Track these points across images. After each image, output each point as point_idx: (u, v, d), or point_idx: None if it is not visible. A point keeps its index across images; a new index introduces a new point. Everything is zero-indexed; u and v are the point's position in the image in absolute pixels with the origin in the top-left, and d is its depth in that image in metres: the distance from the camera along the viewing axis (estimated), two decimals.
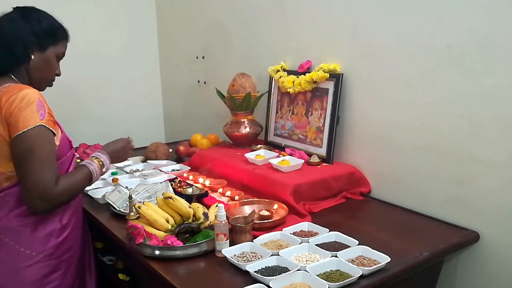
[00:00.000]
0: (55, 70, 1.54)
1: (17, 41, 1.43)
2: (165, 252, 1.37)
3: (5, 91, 1.38)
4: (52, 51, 1.50)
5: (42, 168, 1.35)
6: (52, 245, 1.48)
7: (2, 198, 1.42)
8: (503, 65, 1.42)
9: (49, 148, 1.39)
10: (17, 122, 1.34)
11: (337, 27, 1.91)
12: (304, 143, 2.05)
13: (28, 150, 1.35)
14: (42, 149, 1.36)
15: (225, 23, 2.54)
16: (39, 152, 1.35)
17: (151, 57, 3.10)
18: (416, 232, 1.53)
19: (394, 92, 1.74)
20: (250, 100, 2.17)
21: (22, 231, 1.43)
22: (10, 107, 1.35)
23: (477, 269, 1.56)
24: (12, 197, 1.42)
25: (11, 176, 1.41)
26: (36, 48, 1.46)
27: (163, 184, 1.81)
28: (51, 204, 1.39)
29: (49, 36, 1.48)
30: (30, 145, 1.35)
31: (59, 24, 1.52)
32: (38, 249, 1.46)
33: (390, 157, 1.79)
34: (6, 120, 1.36)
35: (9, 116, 1.35)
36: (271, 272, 1.25)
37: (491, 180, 1.50)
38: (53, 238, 1.49)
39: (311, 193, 1.73)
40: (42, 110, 1.38)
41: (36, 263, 1.45)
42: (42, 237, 1.46)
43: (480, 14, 1.45)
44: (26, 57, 1.45)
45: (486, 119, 1.48)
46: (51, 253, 1.48)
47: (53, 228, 1.49)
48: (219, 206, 1.40)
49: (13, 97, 1.36)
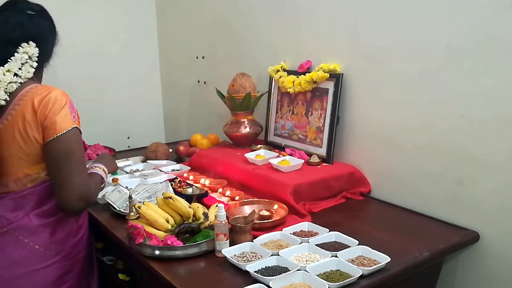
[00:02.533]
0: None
1: (49, 38, 1.46)
2: (165, 252, 1.37)
3: (34, 92, 1.38)
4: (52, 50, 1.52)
5: (79, 170, 1.39)
6: (70, 245, 1.49)
7: (25, 197, 1.42)
8: (503, 65, 1.42)
9: (82, 150, 1.44)
10: (54, 125, 1.36)
11: (337, 27, 1.91)
12: (304, 143, 2.05)
13: (66, 152, 1.37)
14: (78, 151, 1.40)
15: (225, 23, 2.54)
16: (76, 154, 1.39)
17: (151, 57, 3.10)
18: (416, 232, 1.53)
19: (394, 92, 1.74)
20: (250, 100, 2.17)
21: (42, 231, 1.43)
22: (45, 110, 1.36)
23: (477, 269, 1.56)
24: (35, 196, 1.42)
25: (36, 178, 1.43)
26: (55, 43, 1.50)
27: (163, 184, 1.81)
28: (88, 204, 1.44)
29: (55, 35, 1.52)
30: (68, 148, 1.37)
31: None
32: (57, 249, 1.45)
33: (390, 157, 1.79)
34: (41, 123, 1.37)
35: (44, 119, 1.36)
36: (271, 272, 1.25)
37: (491, 180, 1.50)
38: (71, 237, 1.49)
39: (311, 193, 1.73)
40: (74, 112, 1.42)
41: (53, 264, 1.44)
42: (61, 237, 1.46)
43: (480, 14, 1.45)
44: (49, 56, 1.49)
45: (486, 119, 1.48)
46: (68, 253, 1.48)
47: (71, 228, 1.50)
48: (219, 206, 1.40)
49: (46, 99, 1.37)
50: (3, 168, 1.41)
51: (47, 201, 1.44)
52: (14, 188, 1.42)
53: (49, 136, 1.37)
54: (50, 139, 1.36)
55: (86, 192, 1.40)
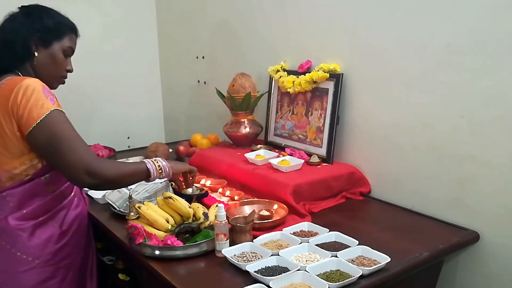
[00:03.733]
0: (64, 66, 1.51)
1: (17, 37, 1.41)
2: (165, 252, 1.37)
3: (7, 83, 1.35)
4: (58, 46, 1.48)
5: (74, 147, 1.32)
6: (50, 251, 1.45)
7: (4, 198, 1.39)
8: (503, 65, 1.42)
9: (70, 127, 1.35)
10: (30, 113, 1.30)
11: (337, 27, 1.91)
12: (304, 143, 2.05)
13: (51, 136, 1.31)
14: (65, 131, 1.33)
15: (225, 23, 2.54)
16: (63, 134, 1.32)
17: (151, 57, 3.10)
18: (416, 232, 1.53)
19: (394, 92, 1.74)
20: (250, 100, 2.17)
21: (19, 235, 1.40)
22: (16, 100, 1.31)
23: (477, 269, 1.56)
24: (14, 198, 1.39)
25: (14, 175, 1.39)
26: (39, 44, 1.44)
27: (163, 184, 1.81)
28: (99, 179, 1.33)
29: (52, 31, 1.46)
30: (52, 132, 1.31)
31: (65, 19, 1.51)
32: (34, 255, 1.42)
33: (390, 157, 1.79)
34: (14, 113, 1.32)
35: (17, 109, 1.31)
36: (271, 272, 1.25)
37: (491, 180, 1.50)
38: (51, 243, 1.45)
39: (311, 193, 1.73)
40: (50, 95, 1.36)
41: (32, 269, 1.42)
42: (39, 242, 1.43)
43: (480, 14, 1.45)
44: (28, 54, 1.43)
45: (486, 119, 1.48)
46: (48, 259, 1.45)
47: (52, 234, 1.46)
48: (219, 206, 1.40)
49: (17, 88, 1.31)
50: None
51: (26, 204, 1.41)
52: None
53: (29, 126, 1.31)
54: (31, 128, 1.31)
55: (91, 165, 1.31)
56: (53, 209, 1.48)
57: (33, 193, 1.42)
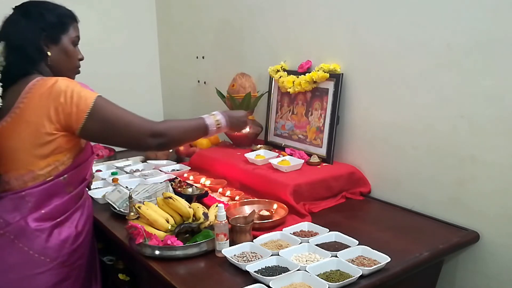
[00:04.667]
0: (76, 56, 1.52)
1: (26, 42, 1.40)
2: (165, 252, 1.37)
3: (38, 86, 1.35)
4: (66, 39, 1.48)
5: (129, 121, 1.39)
6: (66, 252, 1.45)
7: (23, 198, 1.39)
8: (503, 65, 1.42)
9: (116, 106, 1.41)
10: (79, 107, 1.33)
11: (337, 27, 1.91)
12: (304, 143, 2.05)
13: (105, 121, 1.36)
14: (114, 111, 1.39)
15: (225, 23, 2.54)
16: (113, 114, 1.38)
17: (151, 57, 3.10)
18: (416, 232, 1.53)
19: (394, 92, 1.74)
20: (250, 100, 2.17)
21: (38, 235, 1.39)
22: (59, 100, 1.33)
23: (477, 269, 1.56)
24: (33, 198, 1.39)
25: (38, 176, 1.39)
26: (49, 42, 1.44)
27: (163, 184, 1.81)
28: (164, 137, 1.41)
29: (56, 26, 1.45)
30: (103, 117, 1.36)
31: (64, 10, 1.50)
32: (52, 256, 1.42)
33: (390, 157, 1.79)
34: (59, 113, 1.33)
35: (63, 108, 1.33)
36: (271, 272, 1.25)
37: (491, 180, 1.50)
38: (68, 244, 1.45)
39: (311, 193, 1.73)
40: (84, 86, 1.40)
41: (48, 270, 1.41)
42: (57, 243, 1.42)
43: (480, 14, 1.45)
44: (41, 55, 1.43)
45: (486, 119, 1.48)
46: (64, 260, 1.44)
47: (69, 235, 1.46)
48: (219, 206, 1.40)
49: (54, 90, 1.33)
50: (7, 164, 1.39)
51: (45, 204, 1.41)
52: (15, 186, 1.40)
53: (81, 119, 1.34)
54: (83, 121, 1.34)
55: (151, 130, 1.40)
56: (70, 209, 1.48)
57: (51, 193, 1.42)
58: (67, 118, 1.34)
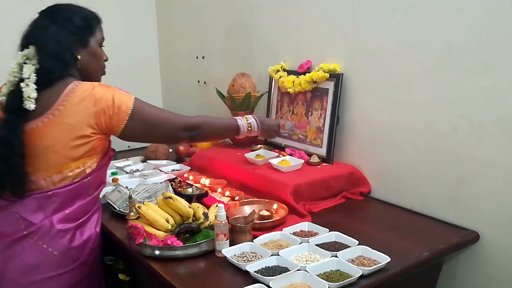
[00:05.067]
0: (102, 57, 1.56)
1: (60, 47, 1.41)
2: (165, 252, 1.38)
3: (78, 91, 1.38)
4: (93, 42, 1.50)
5: (164, 118, 1.48)
6: (88, 252, 1.47)
7: (49, 198, 1.39)
8: (503, 65, 1.42)
9: (150, 105, 1.47)
10: (120, 109, 1.39)
11: (337, 27, 1.91)
12: (304, 143, 2.05)
13: (144, 120, 1.43)
14: (150, 110, 1.46)
15: (225, 23, 2.54)
16: (151, 114, 1.45)
17: (150, 57, 3.10)
18: (416, 232, 1.53)
19: (394, 92, 1.74)
20: (250, 100, 2.17)
21: (62, 236, 1.40)
22: (100, 104, 1.38)
23: (477, 269, 1.56)
24: (59, 198, 1.40)
25: (66, 177, 1.41)
26: (78, 46, 1.46)
27: (163, 184, 1.81)
28: (196, 129, 1.53)
29: (85, 30, 1.48)
30: (142, 116, 1.43)
31: (88, 12, 1.51)
32: (75, 256, 1.43)
33: (390, 156, 1.79)
34: (101, 116, 1.38)
35: (106, 110, 1.38)
36: (271, 272, 1.25)
37: (491, 180, 1.50)
38: (90, 244, 1.47)
39: (311, 193, 1.73)
40: (122, 90, 1.45)
41: (70, 271, 1.43)
42: (80, 244, 1.44)
43: (480, 14, 1.45)
44: (73, 59, 1.45)
45: (486, 119, 1.48)
46: (85, 260, 1.46)
47: (90, 235, 1.48)
48: (219, 206, 1.40)
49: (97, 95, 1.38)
50: (37, 163, 1.39)
51: (69, 204, 1.43)
52: (42, 186, 1.40)
53: (123, 121, 1.40)
54: (125, 122, 1.40)
55: (185, 124, 1.50)
56: (90, 211, 1.51)
57: (76, 195, 1.44)
58: (109, 120, 1.39)
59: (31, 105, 1.34)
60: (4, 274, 1.38)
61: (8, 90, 1.38)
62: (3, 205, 1.39)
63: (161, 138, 1.58)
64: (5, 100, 1.38)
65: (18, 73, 1.38)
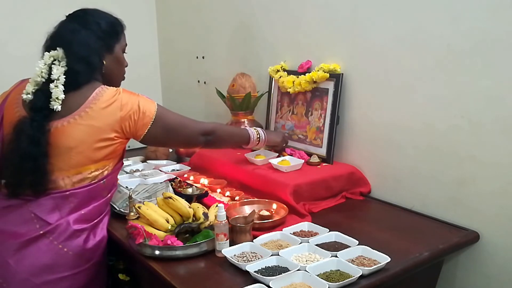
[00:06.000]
0: (124, 63, 1.60)
1: (90, 51, 1.44)
2: (165, 252, 1.38)
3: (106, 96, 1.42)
4: (118, 47, 1.54)
5: (184, 123, 1.57)
6: (100, 253, 1.49)
7: (66, 198, 1.41)
8: (503, 65, 1.42)
9: (171, 111, 1.56)
10: (145, 114, 1.46)
11: (337, 27, 1.91)
12: (304, 143, 2.05)
13: (166, 126, 1.50)
14: (172, 116, 1.54)
15: (225, 23, 2.54)
16: (172, 120, 1.53)
17: (151, 57, 3.09)
18: (416, 232, 1.53)
19: (394, 92, 1.74)
20: (250, 100, 2.17)
21: (78, 236, 1.42)
22: (126, 109, 1.43)
23: (477, 269, 1.56)
24: (76, 199, 1.42)
25: (85, 178, 1.43)
26: (104, 51, 1.49)
27: (163, 184, 1.81)
28: (212, 134, 1.63)
29: (111, 36, 1.51)
30: (164, 122, 1.50)
31: (114, 18, 1.54)
32: (89, 257, 1.45)
33: (390, 157, 1.79)
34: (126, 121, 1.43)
35: (131, 115, 1.44)
36: (271, 272, 1.25)
37: (491, 180, 1.50)
38: (102, 245, 1.50)
39: (311, 193, 1.73)
40: (144, 96, 1.49)
41: (83, 271, 1.44)
42: (94, 244, 1.47)
43: (480, 14, 1.45)
44: (100, 64, 1.48)
45: (486, 119, 1.48)
46: (97, 260, 1.49)
47: (103, 236, 1.50)
48: (219, 206, 1.40)
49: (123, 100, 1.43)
50: (58, 163, 1.40)
51: (85, 205, 1.44)
52: (61, 186, 1.41)
53: (146, 125, 1.46)
54: (149, 127, 1.47)
55: (202, 129, 1.61)
56: (103, 212, 1.54)
57: (92, 196, 1.46)
58: (133, 125, 1.44)
59: (58, 106, 1.37)
60: (16, 274, 1.38)
61: (34, 89, 1.40)
62: (17, 204, 1.40)
63: (180, 142, 1.67)
64: (31, 98, 1.40)
65: (46, 74, 1.40)
